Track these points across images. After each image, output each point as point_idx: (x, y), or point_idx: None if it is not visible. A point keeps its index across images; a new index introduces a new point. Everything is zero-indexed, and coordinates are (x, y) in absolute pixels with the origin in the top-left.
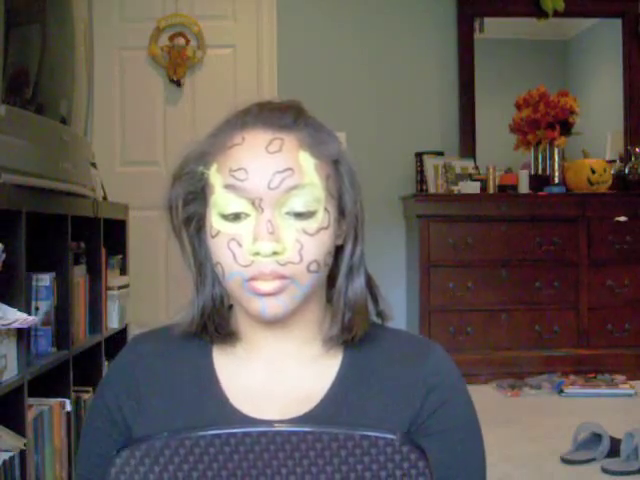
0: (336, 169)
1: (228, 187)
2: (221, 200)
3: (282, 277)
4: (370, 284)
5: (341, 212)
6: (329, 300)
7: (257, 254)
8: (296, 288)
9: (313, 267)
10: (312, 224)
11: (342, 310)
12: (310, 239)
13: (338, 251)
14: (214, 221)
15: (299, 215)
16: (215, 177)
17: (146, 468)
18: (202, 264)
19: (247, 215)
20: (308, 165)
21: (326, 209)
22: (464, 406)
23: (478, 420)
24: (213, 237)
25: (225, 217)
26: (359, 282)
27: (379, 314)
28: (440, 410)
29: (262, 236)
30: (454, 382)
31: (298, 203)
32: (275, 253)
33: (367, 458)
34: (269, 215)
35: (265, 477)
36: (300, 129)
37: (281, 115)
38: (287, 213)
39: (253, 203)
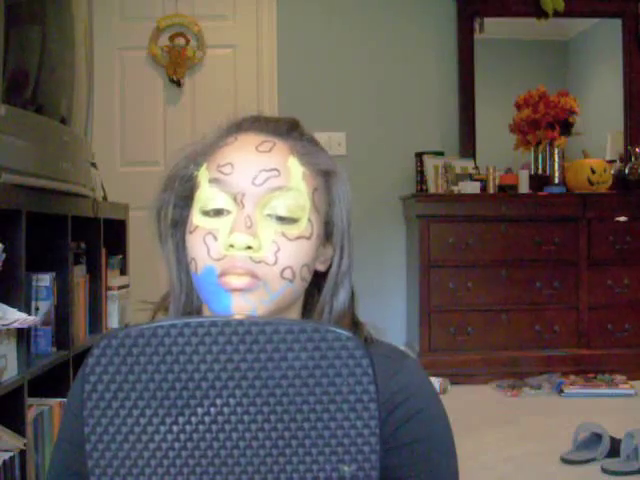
0: (326, 183)
1: (213, 181)
2: (204, 195)
3: (254, 275)
4: (352, 298)
5: (328, 235)
6: (310, 314)
7: (231, 247)
8: (266, 292)
9: (287, 274)
10: (293, 230)
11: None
12: (288, 243)
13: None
14: (194, 217)
15: (281, 219)
16: (203, 174)
17: (120, 359)
18: (183, 271)
19: (228, 212)
20: (296, 171)
21: (310, 220)
22: (436, 418)
23: (452, 435)
24: (191, 233)
25: (206, 213)
26: (343, 296)
27: (355, 324)
28: (409, 422)
29: (238, 229)
30: (425, 395)
31: (280, 206)
32: (249, 248)
33: (317, 353)
34: (249, 211)
35: (226, 371)
36: (293, 138)
37: (276, 124)
38: (269, 215)
39: (235, 199)
